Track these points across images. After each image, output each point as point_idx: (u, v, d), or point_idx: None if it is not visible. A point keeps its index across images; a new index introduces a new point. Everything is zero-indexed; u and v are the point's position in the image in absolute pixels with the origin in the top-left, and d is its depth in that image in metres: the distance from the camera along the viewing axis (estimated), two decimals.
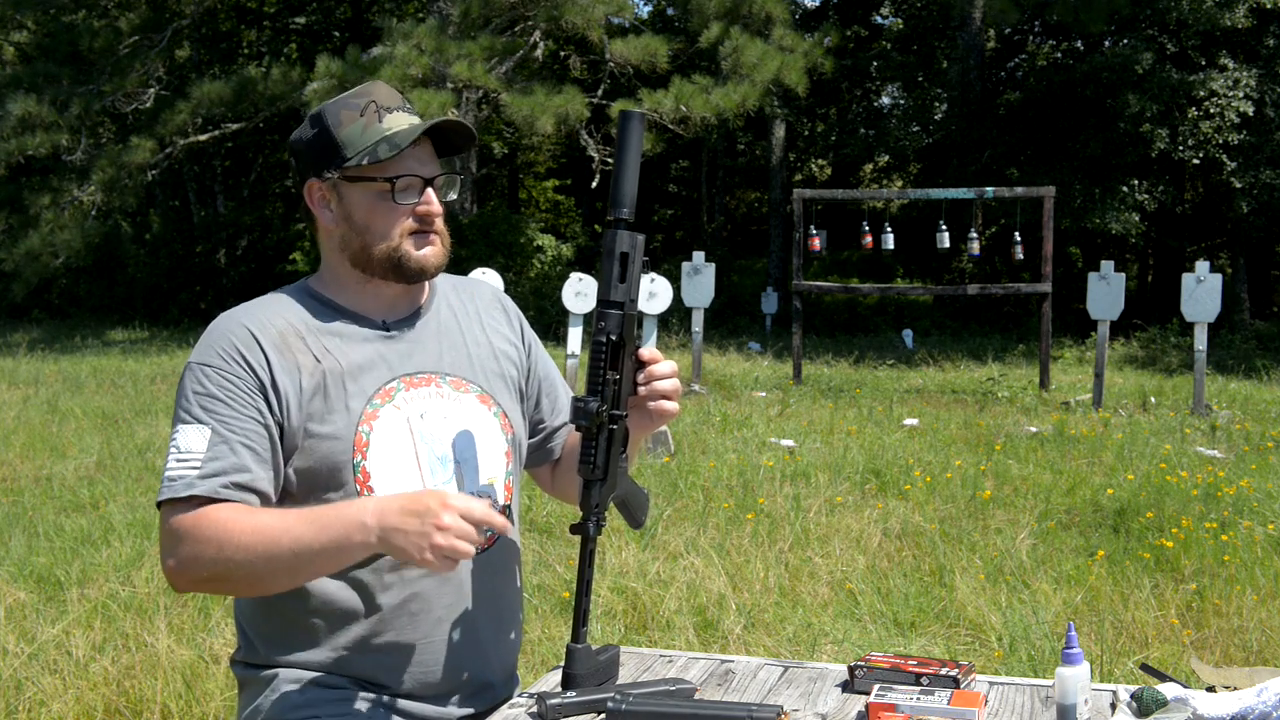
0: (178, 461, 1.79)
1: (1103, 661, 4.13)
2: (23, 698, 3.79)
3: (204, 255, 25.60)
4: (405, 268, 1.90)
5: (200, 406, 1.81)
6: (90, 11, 21.27)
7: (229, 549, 1.73)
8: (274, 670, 1.91)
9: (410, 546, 1.67)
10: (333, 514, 1.74)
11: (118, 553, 5.55)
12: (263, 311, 1.91)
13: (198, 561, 1.76)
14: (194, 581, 1.79)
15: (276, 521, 1.75)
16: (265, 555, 1.73)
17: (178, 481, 1.77)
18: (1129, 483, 7.10)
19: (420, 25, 17.12)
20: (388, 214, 1.89)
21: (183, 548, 1.76)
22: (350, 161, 1.87)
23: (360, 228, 1.90)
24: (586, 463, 1.81)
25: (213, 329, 1.89)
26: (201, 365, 1.84)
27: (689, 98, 16.48)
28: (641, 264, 1.83)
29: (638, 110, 1.91)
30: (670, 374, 1.88)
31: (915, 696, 1.78)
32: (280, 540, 1.73)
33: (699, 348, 12.89)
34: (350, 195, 1.90)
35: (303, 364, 1.86)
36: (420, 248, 1.91)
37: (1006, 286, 16.78)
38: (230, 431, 1.80)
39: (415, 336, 1.97)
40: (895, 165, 27.97)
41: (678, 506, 6.51)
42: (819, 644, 4.38)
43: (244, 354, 1.84)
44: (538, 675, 3.96)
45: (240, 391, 1.82)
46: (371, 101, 1.89)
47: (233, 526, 1.74)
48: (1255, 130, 19.24)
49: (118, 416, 10.49)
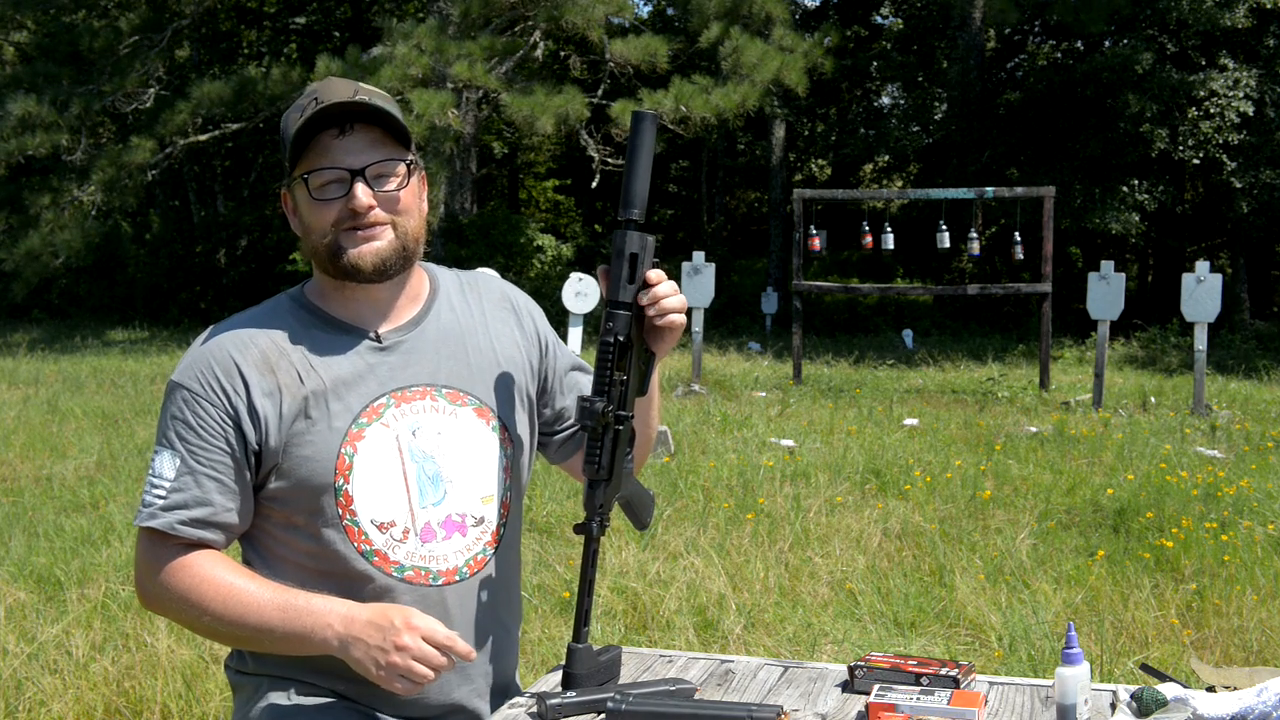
0: (150, 485, 1.81)
1: (1103, 661, 4.12)
2: (23, 698, 3.79)
3: (204, 255, 25.60)
4: (340, 265, 1.80)
5: (175, 432, 1.81)
6: (90, 11, 21.27)
7: (197, 610, 1.77)
8: (261, 678, 1.90)
9: (366, 660, 1.70)
10: (304, 608, 1.74)
11: (118, 553, 5.55)
12: (248, 328, 1.85)
13: (165, 606, 1.82)
14: (160, 614, 1.89)
15: (248, 598, 1.76)
16: (230, 626, 1.77)
17: (144, 510, 1.80)
18: (1129, 483, 7.10)
19: (420, 25, 17.12)
20: (316, 211, 1.79)
21: (153, 585, 1.81)
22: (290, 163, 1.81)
23: (305, 228, 1.83)
24: (591, 462, 1.79)
25: (197, 349, 1.85)
26: (181, 388, 1.82)
27: (689, 98, 16.48)
28: (651, 265, 1.80)
29: (650, 111, 1.84)
30: (674, 291, 1.83)
31: (915, 696, 1.78)
32: (246, 618, 1.75)
33: (699, 348, 12.89)
34: (297, 196, 1.83)
35: (284, 384, 1.80)
36: (354, 244, 1.79)
37: (1006, 286, 16.78)
38: (197, 463, 1.79)
39: (410, 346, 1.88)
40: (895, 165, 27.97)
41: (678, 506, 6.51)
42: (819, 644, 4.38)
43: (221, 381, 1.80)
44: (538, 675, 3.96)
45: (211, 421, 1.79)
46: (315, 98, 1.77)
47: (206, 590, 1.76)
48: (1255, 130, 19.24)
49: (118, 416, 10.49)
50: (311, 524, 1.81)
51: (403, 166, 1.83)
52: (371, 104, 1.77)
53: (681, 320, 1.84)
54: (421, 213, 1.88)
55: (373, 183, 1.79)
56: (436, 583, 1.85)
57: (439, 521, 1.85)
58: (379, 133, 1.80)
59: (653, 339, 1.85)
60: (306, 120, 1.75)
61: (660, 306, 1.80)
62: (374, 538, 1.82)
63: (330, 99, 1.76)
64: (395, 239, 1.81)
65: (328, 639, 1.72)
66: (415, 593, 1.83)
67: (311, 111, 1.75)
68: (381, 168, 1.80)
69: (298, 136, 1.76)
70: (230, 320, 1.89)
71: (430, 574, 1.85)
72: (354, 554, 1.81)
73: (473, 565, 1.89)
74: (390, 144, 1.81)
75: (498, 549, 1.93)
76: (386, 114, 1.79)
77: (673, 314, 1.81)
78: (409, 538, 1.83)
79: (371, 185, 1.79)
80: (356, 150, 1.78)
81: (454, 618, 1.86)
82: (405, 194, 1.83)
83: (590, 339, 17.84)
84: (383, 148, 1.80)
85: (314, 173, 1.78)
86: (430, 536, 1.84)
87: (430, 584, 1.85)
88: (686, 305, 1.86)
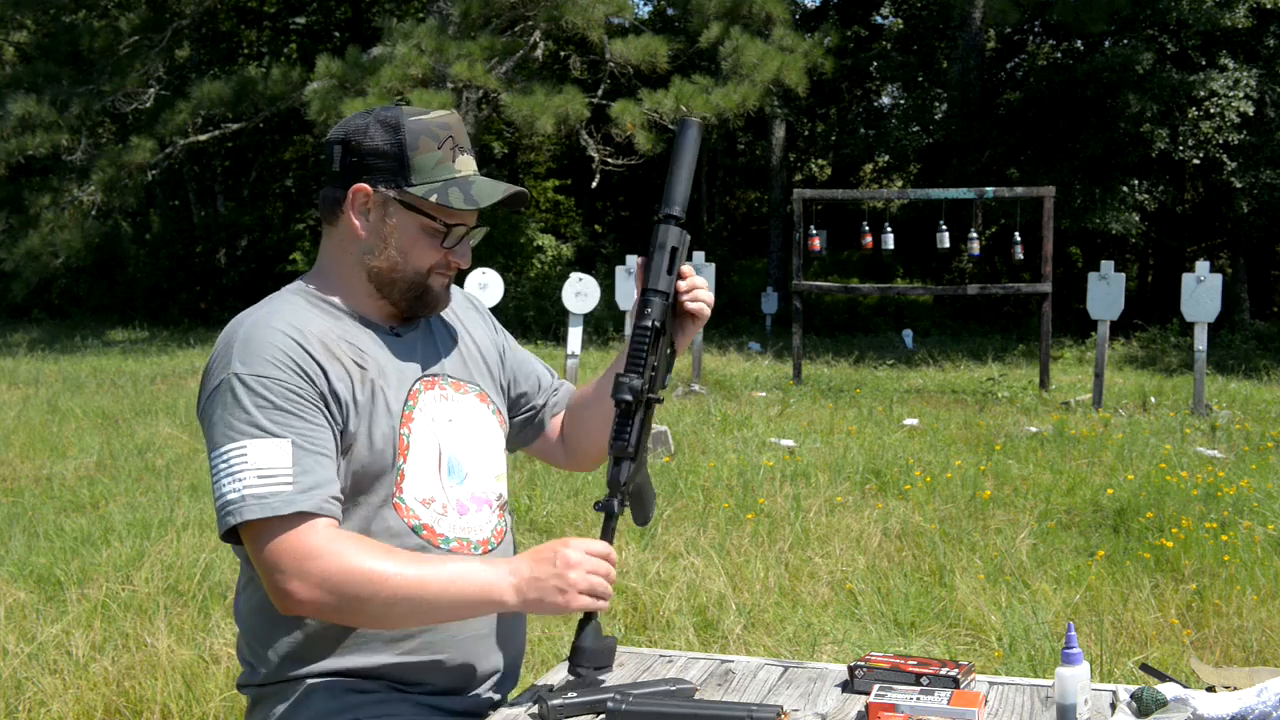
0: (260, 478, 1.72)
1: (1103, 661, 4.13)
2: (23, 698, 3.79)
3: (204, 255, 25.60)
4: (424, 301, 1.94)
5: (269, 420, 1.75)
6: (90, 11, 21.26)
7: (368, 596, 1.73)
8: (299, 680, 1.88)
9: (549, 596, 1.77)
10: (469, 576, 1.78)
11: (118, 553, 5.55)
12: (292, 317, 1.85)
13: (334, 588, 1.72)
14: (316, 606, 1.74)
15: (415, 574, 1.75)
16: (401, 608, 1.75)
17: (272, 499, 1.71)
18: (1129, 483, 7.10)
19: (420, 25, 17.11)
20: (428, 248, 1.90)
21: (312, 568, 1.71)
22: (415, 189, 1.85)
23: (396, 250, 1.89)
24: (621, 440, 1.86)
25: (250, 339, 1.81)
26: (257, 376, 1.77)
27: (689, 98, 16.48)
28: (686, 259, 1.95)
29: (695, 120, 1.97)
30: (705, 284, 1.99)
31: (915, 696, 1.78)
32: (424, 595, 1.75)
33: (699, 348, 12.89)
34: (399, 217, 1.88)
35: (350, 370, 1.85)
36: (439, 288, 1.94)
37: (1006, 286, 16.78)
38: (310, 444, 1.77)
39: (419, 339, 1.99)
40: (895, 165, 27.96)
41: (678, 506, 6.51)
42: (819, 644, 4.38)
43: (298, 362, 1.80)
44: (538, 675, 3.96)
45: (306, 402, 1.78)
46: (450, 137, 1.88)
47: (387, 569, 1.73)
48: (1255, 130, 19.24)
49: (118, 416, 10.49)
50: (367, 501, 1.87)
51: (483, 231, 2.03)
52: (522, 193, 1.93)
53: (707, 310, 1.99)
54: None
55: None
56: (477, 552, 1.94)
57: (467, 498, 1.96)
58: None
59: (677, 330, 1.98)
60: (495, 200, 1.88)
61: (695, 294, 1.96)
62: (420, 513, 1.89)
63: (467, 149, 1.92)
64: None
65: (504, 600, 1.78)
66: None
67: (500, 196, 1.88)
68: (477, 230, 1.97)
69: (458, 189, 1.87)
70: (261, 312, 1.88)
71: (471, 544, 1.94)
72: (405, 529, 1.88)
73: (496, 536, 2.00)
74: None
75: (506, 521, 2.06)
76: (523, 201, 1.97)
77: (703, 301, 1.98)
78: (448, 512, 1.93)
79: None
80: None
81: None
82: None
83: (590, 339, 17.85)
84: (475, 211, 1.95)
85: (457, 226, 1.90)
86: (464, 511, 1.95)
87: (473, 553, 1.94)
88: (713, 299, 2.01)
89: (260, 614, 1.90)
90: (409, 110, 1.89)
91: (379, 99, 15.40)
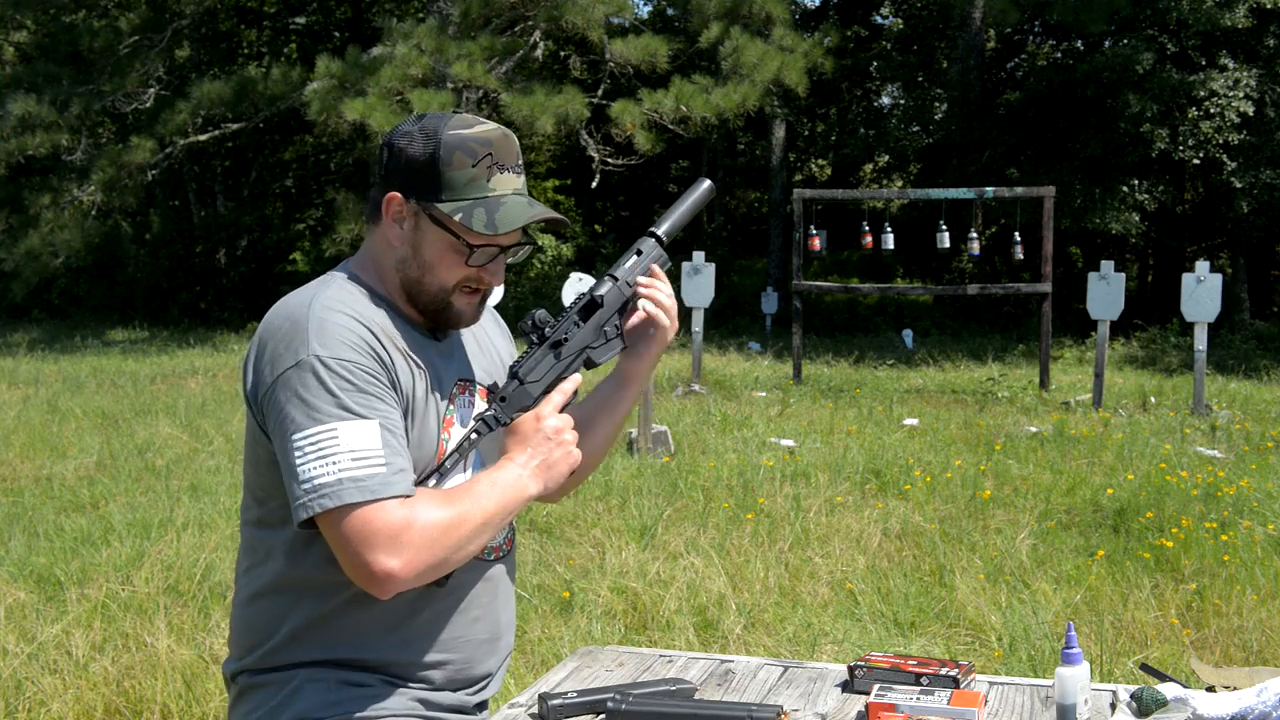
0: (355, 461, 1.70)
1: (1103, 661, 4.13)
2: (23, 698, 3.79)
3: (204, 255, 25.58)
4: (446, 316, 1.89)
5: (355, 402, 1.73)
6: (90, 11, 21.25)
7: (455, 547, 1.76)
8: (292, 671, 1.87)
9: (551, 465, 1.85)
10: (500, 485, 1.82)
11: (118, 553, 5.55)
12: (356, 305, 1.84)
13: (428, 552, 1.73)
14: (418, 574, 1.74)
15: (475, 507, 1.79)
16: (478, 537, 1.79)
17: (369, 481, 1.70)
18: (1129, 483, 7.10)
19: (420, 25, 17.11)
20: (454, 265, 1.85)
21: (404, 541, 1.71)
22: (443, 205, 1.82)
23: (423, 263, 1.86)
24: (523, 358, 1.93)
25: (324, 322, 1.78)
26: (336, 359, 1.74)
27: (689, 98, 16.48)
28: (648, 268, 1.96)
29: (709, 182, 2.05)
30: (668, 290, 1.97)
31: (915, 696, 1.78)
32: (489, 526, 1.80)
33: (699, 348, 12.89)
34: (427, 230, 1.85)
35: (410, 366, 1.85)
36: (463, 305, 1.89)
37: (1006, 286, 16.77)
38: (394, 426, 1.77)
39: (455, 346, 1.98)
40: (895, 165, 27.95)
41: (678, 506, 6.51)
42: (819, 644, 4.38)
43: (373, 348, 1.79)
44: (538, 675, 3.97)
45: (383, 386, 1.78)
46: (489, 154, 1.83)
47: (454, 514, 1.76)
48: (1255, 130, 19.24)
49: (118, 416, 10.49)
50: None
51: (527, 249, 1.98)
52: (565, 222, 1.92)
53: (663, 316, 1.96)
54: None
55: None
56: (490, 558, 1.97)
57: None
58: None
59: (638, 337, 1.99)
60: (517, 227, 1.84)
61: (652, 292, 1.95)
62: None
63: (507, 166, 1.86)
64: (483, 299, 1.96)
65: (532, 492, 1.85)
66: (476, 566, 1.93)
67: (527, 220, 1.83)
68: (516, 250, 1.93)
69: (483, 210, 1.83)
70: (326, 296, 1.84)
71: (486, 549, 1.95)
72: None
73: (507, 543, 2.03)
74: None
75: (512, 531, 2.07)
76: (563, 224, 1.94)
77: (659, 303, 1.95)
78: None
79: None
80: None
81: (499, 590, 1.99)
82: None
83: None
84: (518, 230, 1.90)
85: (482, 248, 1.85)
86: None
87: (486, 559, 1.96)
88: (675, 307, 1.98)
89: (260, 599, 1.89)
90: (456, 121, 1.85)
91: (379, 99, 15.40)
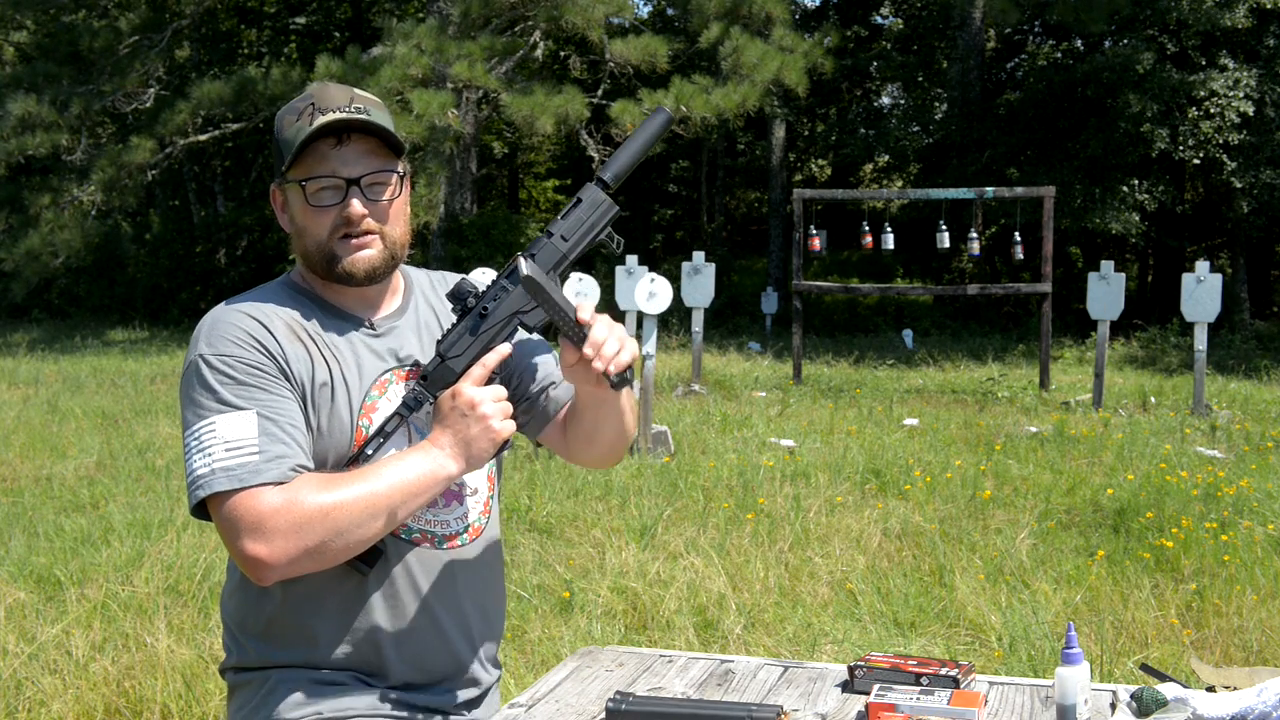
0: (228, 451, 1.73)
1: (1103, 661, 4.13)
2: (23, 698, 3.79)
3: (204, 255, 25.59)
4: (334, 270, 1.87)
5: (233, 395, 1.77)
6: (90, 11, 21.25)
7: (333, 533, 1.73)
8: (268, 671, 1.91)
9: (475, 440, 1.78)
10: (405, 472, 1.78)
11: (118, 553, 5.55)
12: (261, 304, 1.89)
13: (294, 537, 1.71)
14: (287, 561, 1.73)
15: (363, 491, 1.75)
16: (368, 525, 1.75)
17: (239, 469, 1.72)
18: (1129, 483, 7.10)
19: (420, 25, 17.10)
20: (312, 216, 1.85)
21: (269, 526, 1.71)
22: (286, 171, 1.85)
23: (300, 231, 1.88)
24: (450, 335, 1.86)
25: (216, 321, 1.85)
26: (219, 356, 1.80)
27: (689, 98, 16.47)
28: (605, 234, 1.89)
29: (669, 111, 1.97)
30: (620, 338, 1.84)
31: (915, 696, 1.78)
32: (377, 517, 1.75)
33: (699, 348, 12.89)
34: (290, 198, 1.88)
35: (311, 354, 1.86)
36: (347, 253, 1.86)
37: (1006, 286, 16.77)
38: (276, 414, 1.78)
39: (399, 332, 1.97)
40: (895, 165, 27.94)
41: (678, 506, 6.51)
42: (819, 644, 4.38)
43: (259, 339, 1.82)
44: (538, 675, 3.96)
45: (268, 376, 1.80)
46: (311, 104, 1.83)
47: (332, 499, 1.73)
48: (1255, 130, 19.23)
49: (118, 416, 10.49)
50: None
51: (394, 177, 1.90)
52: (370, 120, 1.83)
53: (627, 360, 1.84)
54: (407, 220, 1.96)
55: (366, 192, 1.86)
56: (441, 546, 1.93)
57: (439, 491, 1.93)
58: (374, 143, 1.87)
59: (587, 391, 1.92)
60: (308, 133, 1.81)
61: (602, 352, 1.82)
62: None
63: (329, 108, 1.82)
64: (385, 248, 1.89)
65: (450, 472, 1.80)
66: (422, 554, 1.91)
67: (313, 127, 1.80)
68: (375, 178, 1.86)
69: (297, 145, 1.82)
70: (236, 300, 1.92)
71: (436, 538, 1.93)
72: None
73: (471, 533, 1.98)
74: (384, 154, 1.88)
75: (488, 519, 2.03)
76: (383, 128, 1.86)
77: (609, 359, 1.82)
78: None
79: (365, 195, 1.86)
80: (352, 160, 1.84)
81: (458, 581, 1.95)
82: (396, 204, 1.91)
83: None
84: (377, 158, 1.87)
85: (311, 180, 1.84)
86: (433, 504, 1.92)
87: (436, 547, 1.93)
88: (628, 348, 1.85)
89: (236, 595, 1.94)
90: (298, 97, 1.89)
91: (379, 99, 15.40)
